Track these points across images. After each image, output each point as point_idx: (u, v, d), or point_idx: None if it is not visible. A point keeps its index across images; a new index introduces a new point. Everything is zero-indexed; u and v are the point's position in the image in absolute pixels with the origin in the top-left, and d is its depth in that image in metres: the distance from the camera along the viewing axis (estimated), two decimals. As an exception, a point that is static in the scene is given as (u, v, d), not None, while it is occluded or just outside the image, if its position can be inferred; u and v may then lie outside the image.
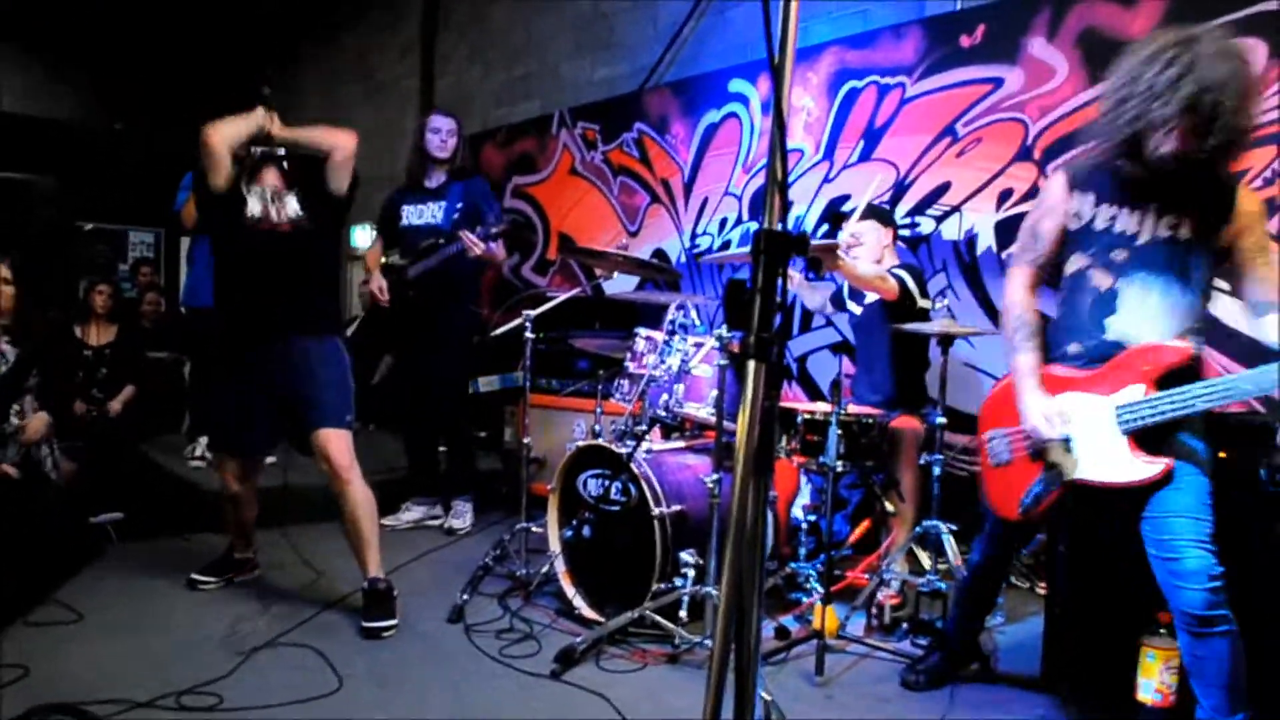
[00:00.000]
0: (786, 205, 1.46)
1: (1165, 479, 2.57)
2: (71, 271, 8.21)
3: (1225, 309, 2.92)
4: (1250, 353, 3.97)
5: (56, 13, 11.29)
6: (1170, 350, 2.59)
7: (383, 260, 5.39)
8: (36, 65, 12.08)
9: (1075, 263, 2.78)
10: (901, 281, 4.16)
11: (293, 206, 3.87)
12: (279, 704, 2.98)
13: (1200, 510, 2.54)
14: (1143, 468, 2.58)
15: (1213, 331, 2.55)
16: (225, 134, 3.76)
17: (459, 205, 5.18)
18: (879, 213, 4.50)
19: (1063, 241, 2.82)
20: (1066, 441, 2.73)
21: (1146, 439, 2.59)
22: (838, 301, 4.67)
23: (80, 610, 3.75)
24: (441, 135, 5.19)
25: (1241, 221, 2.61)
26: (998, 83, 4.95)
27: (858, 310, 4.50)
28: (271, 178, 3.91)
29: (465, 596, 3.92)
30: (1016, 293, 2.90)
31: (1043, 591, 3.28)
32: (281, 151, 3.92)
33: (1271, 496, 2.73)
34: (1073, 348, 2.78)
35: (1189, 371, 2.58)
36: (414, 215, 5.27)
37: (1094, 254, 2.73)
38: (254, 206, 3.82)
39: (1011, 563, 3.18)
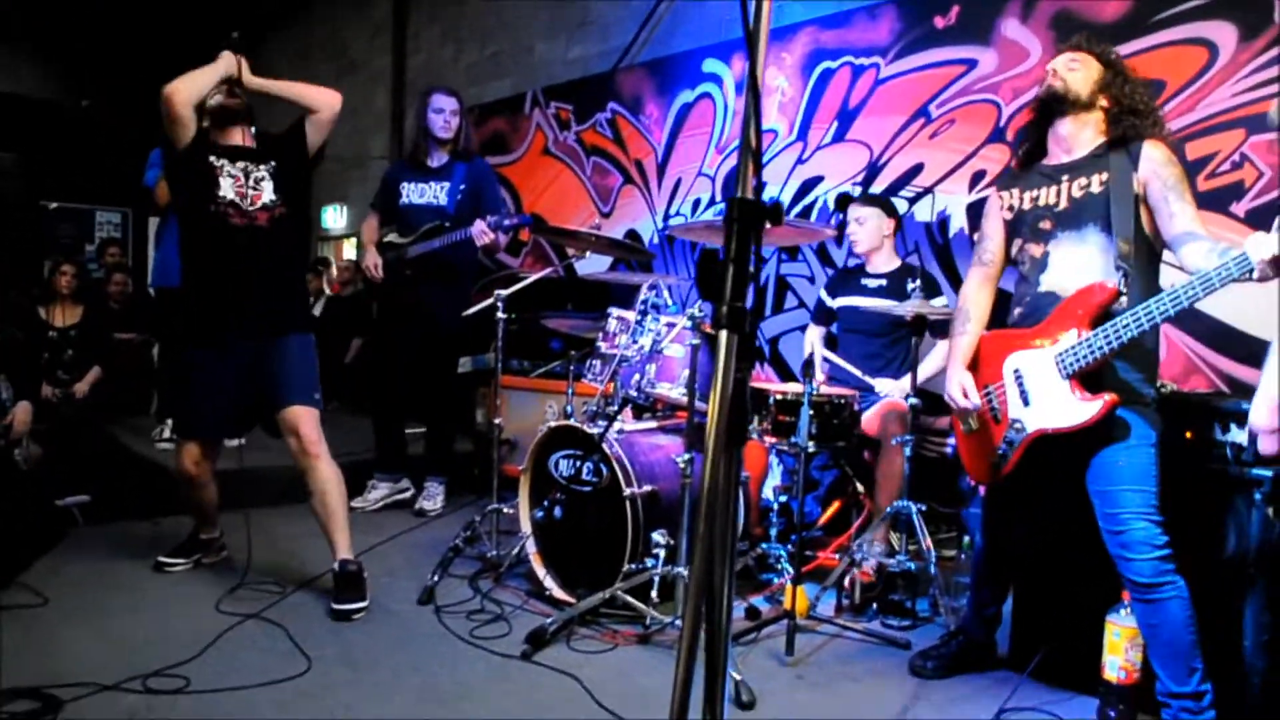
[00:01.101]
0: (761, 174, 1.44)
1: (1113, 431, 2.74)
2: (36, 251, 8.09)
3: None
4: (1213, 333, 4.01)
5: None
6: (1097, 290, 2.76)
7: (384, 232, 5.34)
8: (3, 42, 11.89)
9: (1015, 246, 3.06)
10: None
11: (268, 190, 3.77)
12: (248, 686, 2.95)
13: (1145, 482, 2.72)
14: (1087, 407, 2.73)
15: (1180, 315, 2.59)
16: (187, 90, 3.65)
17: (463, 187, 5.15)
18: (885, 204, 4.58)
19: (1007, 236, 3.09)
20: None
21: (1089, 381, 2.75)
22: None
23: (46, 594, 3.70)
24: (445, 115, 5.12)
25: (1146, 168, 2.78)
26: (971, 64, 4.95)
27: (863, 303, 4.47)
28: (239, 135, 3.80)
29: (436, 578, 3.90)
30: (964, 288, 3.24)
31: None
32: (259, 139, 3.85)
33: (1233, 475, 2.79)
34: (1017, 311, 3.02)
35: (1119, 309, 2.70)
36: (415, 194, 5.22)
37: (1026, 232, 3.00)
38: (225, 186, 3.71)
39: (1014, 543, 3.19)
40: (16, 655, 3.11)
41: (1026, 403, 2.88)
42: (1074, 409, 2.74)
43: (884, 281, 4.44)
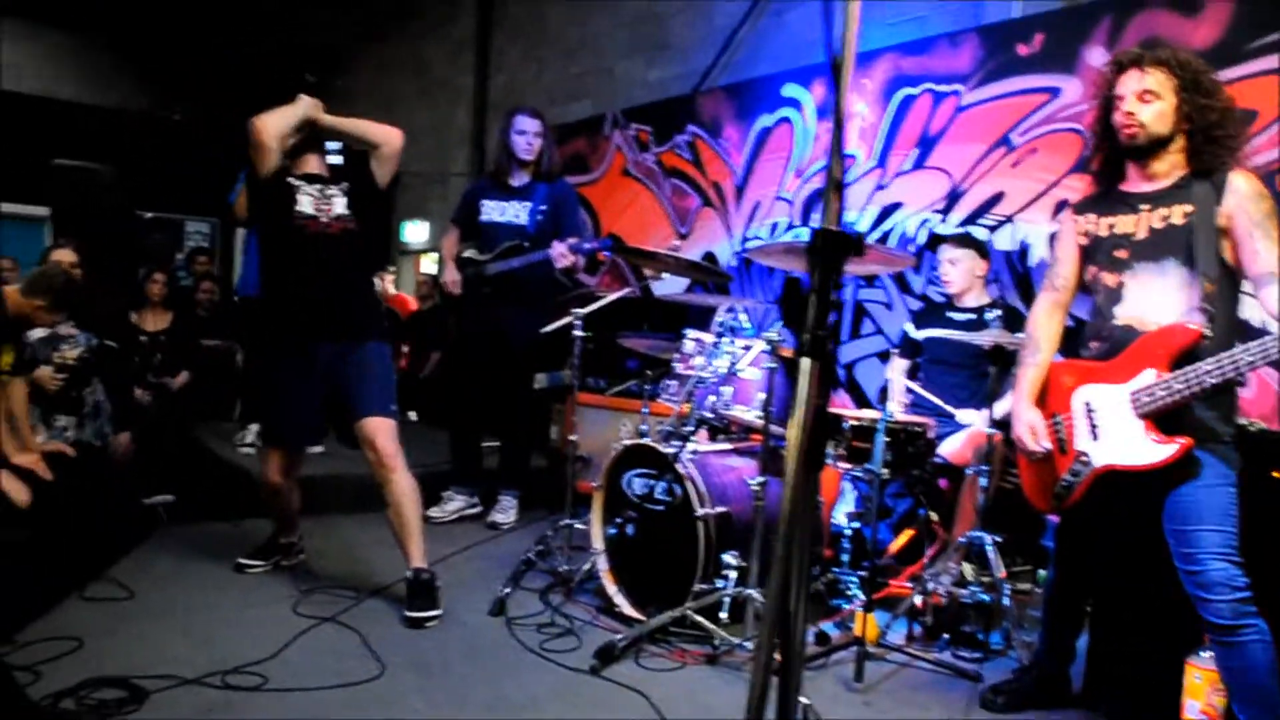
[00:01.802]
0: (843, 205, 1.46)
1: (1188, 470, 2.66)
2: (131, 259, 8.37)
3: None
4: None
5: (121, 5, 11.55)
6: (1180, 332, 2.68)
7: (463, 248, 5.41)
8: (101, 56, 12.39)
9: (1089, 273, 2.98)
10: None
11: (340, 205, 3.93)
12: (322, 687, 3.03)
13: (1223, 521, 2.63)
14: (1160, 449, 2.66)
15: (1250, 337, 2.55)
16: (273, 125, 3.85)
17: (543, 208, 5.20)
18: (979, 245, 4.56)
19: (1081, 262, 3.01)
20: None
21: (1164, 422, 2.68)
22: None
23: (132, 588, 3.84)
24: (528, 137, 5.17)
25: (1232, 201, 2.69)
26: (1055, 92, 4.91)
27: (948, 334, 4.42)
28: (314, 164, 3.99)
29: (507, 590, 3.95)
30: (1033, 315, 3.16)
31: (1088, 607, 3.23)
32: (332, 159, 4.00)
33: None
34: (1092, 343, 2.94)
35: (1201, 351, 2.64)
36: (495, 212, 5.28)
37: (1100, 259, 2.92)
38: (303, 203, 3.88)
39: (1086, 576, 3.12)
40: (104, 645, 3.24)
41: (1095, 437, 2.82)
42: (1146, 449, 2.68)
43: (972, 316, 4.41)
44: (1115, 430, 2.77)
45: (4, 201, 9.25)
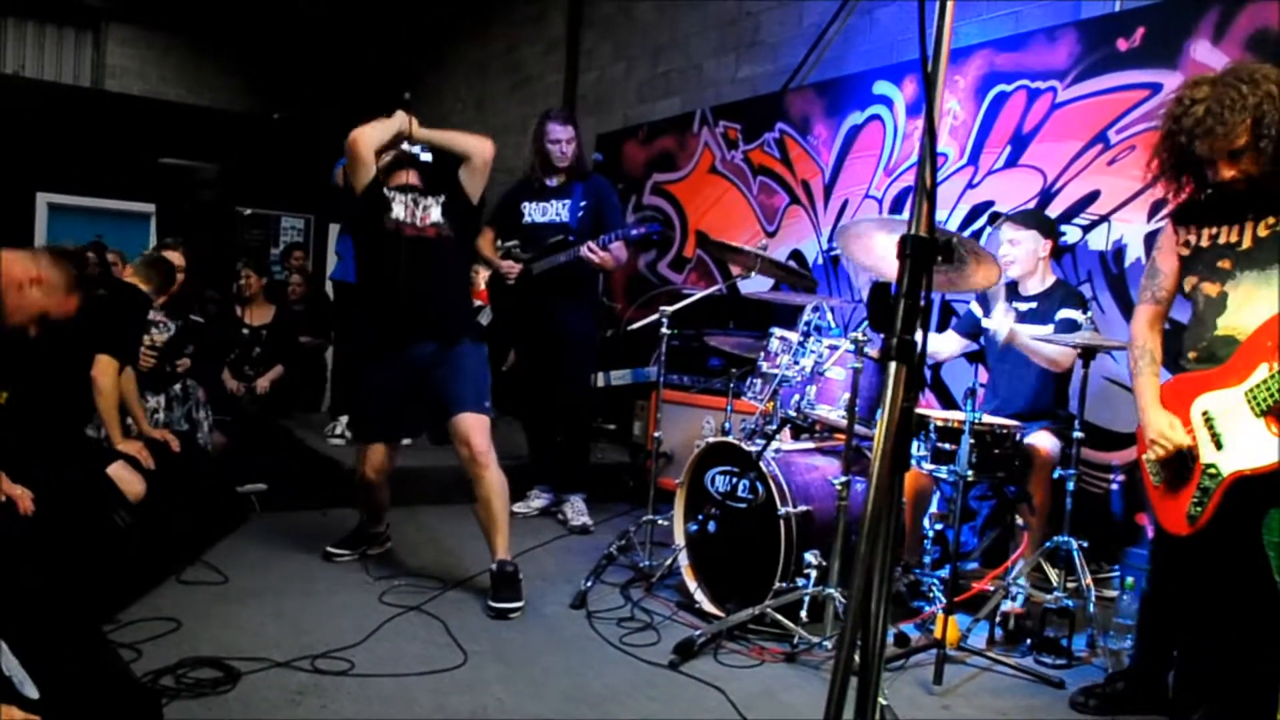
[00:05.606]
0: (934, 211, 1.47)
1: None
2: (230, 254, 8.63)
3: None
4: None
5: (223, 10, 11.94)
6: None
7: (502, 246, 5.43)
8: (205, 59, 12.81)
9: (1188, 283, 2.93)
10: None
11: (435, 213, 4.01)
12: (407, 673, 3.11)
13: None
14: None
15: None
16: (369, 137, 3.94)
17: (583, 204, 5.26)
18: (1041, 221, 4.40)
19: (1180, 273, 2.97)
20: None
21: None
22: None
23: (226, 572, 3.98)
24: (561, 146, 5.22)
25: None
26: (1156, 88, 4.77)
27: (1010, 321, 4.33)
28: (408, 177, 4.06)
29: (588, 584, 4.00)
30: (1138, 327, 3.09)
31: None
32: (423, 156, 4.07)
33: None
34: (1191, 354, 2.90)
35: None
36: (537, 213, 5.33)
37: (1201, 270, 2.88)
38: (398, 210, 3.96)
39: (1188, 595, 3.01)
40: (200, 627, 3.37)
41: (1220, 446, 2.73)
42: (1272, 447, 2.59)
43: (1034, 304, 4.27)
44: (1238, 434, 2.69)
45: (113, 198, 9.63)
